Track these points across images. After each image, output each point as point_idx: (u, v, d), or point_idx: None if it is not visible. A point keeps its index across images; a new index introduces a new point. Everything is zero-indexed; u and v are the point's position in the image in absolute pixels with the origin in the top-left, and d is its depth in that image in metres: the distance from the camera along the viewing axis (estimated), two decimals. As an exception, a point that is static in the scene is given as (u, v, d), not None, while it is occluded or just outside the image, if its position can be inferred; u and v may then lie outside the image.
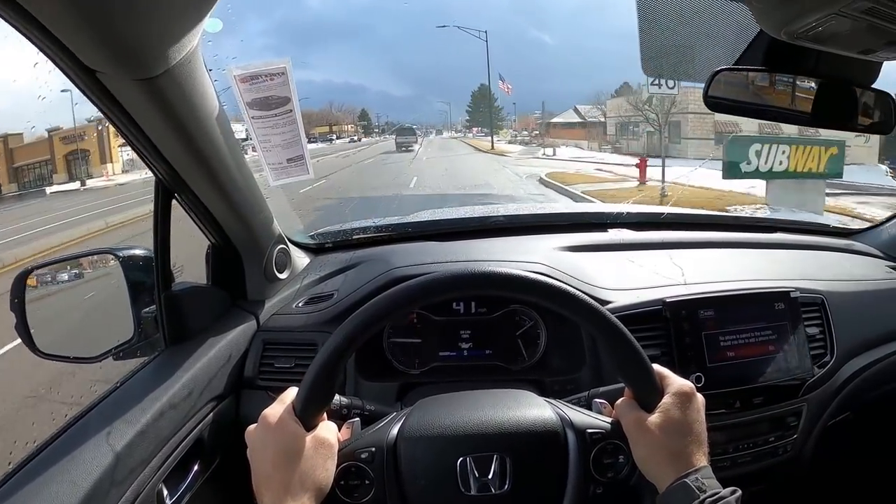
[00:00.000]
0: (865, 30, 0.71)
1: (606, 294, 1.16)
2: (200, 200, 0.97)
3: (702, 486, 0.64)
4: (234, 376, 1.07)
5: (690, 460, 0.68)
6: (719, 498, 0.62)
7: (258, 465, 0.69)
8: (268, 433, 0.69)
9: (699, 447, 0.69)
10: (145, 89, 0.72)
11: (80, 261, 1.14)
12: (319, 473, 0.68)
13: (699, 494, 0.63)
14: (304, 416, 0.70)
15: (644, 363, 0.72)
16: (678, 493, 0.65)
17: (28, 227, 10.41)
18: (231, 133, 0.91)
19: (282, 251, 1.20)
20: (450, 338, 1.17)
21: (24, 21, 0.58)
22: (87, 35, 0.62)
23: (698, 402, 0.72)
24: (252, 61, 0.88)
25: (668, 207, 1.64)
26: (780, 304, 1.14)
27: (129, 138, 0.82)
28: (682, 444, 0.69)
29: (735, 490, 0.64)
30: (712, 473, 0.67)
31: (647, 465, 0.70)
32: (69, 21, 0.59)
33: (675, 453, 0.68)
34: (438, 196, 8.02)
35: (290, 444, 0.68)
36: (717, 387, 1.06)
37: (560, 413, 0.76)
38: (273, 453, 0.67)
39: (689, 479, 0.65)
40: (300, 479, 0.66)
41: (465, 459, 0.71)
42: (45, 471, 0.73)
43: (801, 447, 1.18)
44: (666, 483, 0.67)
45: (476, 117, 40.99)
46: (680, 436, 0.69)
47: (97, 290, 1.15)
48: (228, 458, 1.00)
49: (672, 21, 0.94)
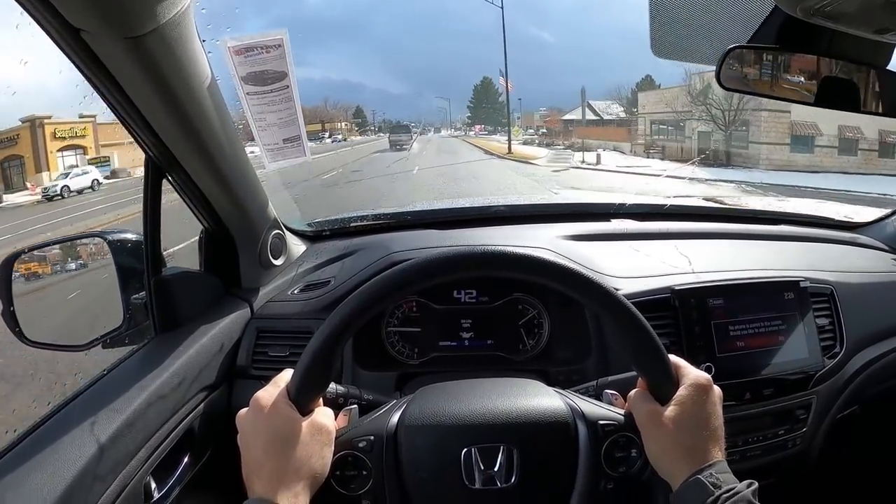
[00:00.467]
0: (882, 7, 0.70)
1: (613, 282, 1.13)
2: (193, 181, 0.94)
3: (717, 482, 0.61)
4: (226, 365, 1.04)
5: (705, 456, 0.65)
6: (735, 493, 0.60)
7: (249, 451, 0.64)
8: (259, 417, 0.65)
9: (715, 442, 0.66)
10: (132, 49, 0.68)
11: (69, 244, 1.11)
12: (315, 461, 0.64)
13: (714, 490, 0.60)
14: (298, 400, 0.66)
15: (660, 352, 0.69)
16: (692, 489, 0.62)
17: None
18: (224, 107, 0.88)
19: (277, 236, 1.17)
20: (450, 327, 1.15)
21: None
22: None
23: (715, 394, 0.69)
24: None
25: (672, 199, 1.61)
26: (790, 293, 1.13)
27: (117, 108, 0.78)
28: (698, 438, 0.66)
29: (751, 483, 0.61)
30: (728, 468, 0.64)
31: (660, 460, 0.67)
32: None
33: (689, 449, 0.65)
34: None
35: (285, 428, 0.64)
36: (727, 378, 1.03)
37: (570, 403, 0.73)
38: (265, 439, 0.63)
39: (703, 474, 0.62)
40: (295, 467, 0.62)
41: (469, 450, 0.68)
42: (24, 462, 0.70)
43: (811, 441, 1.16)
44: (680, 480, 0.64)
45: (478, 114, 38.70)
46: (695, 430, 0.66)
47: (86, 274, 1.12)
48: (220, 451, 0.97)
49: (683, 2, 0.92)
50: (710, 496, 0.60)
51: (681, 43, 0.96)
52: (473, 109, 39.38)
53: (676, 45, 0.96)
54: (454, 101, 45.26)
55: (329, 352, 0.67)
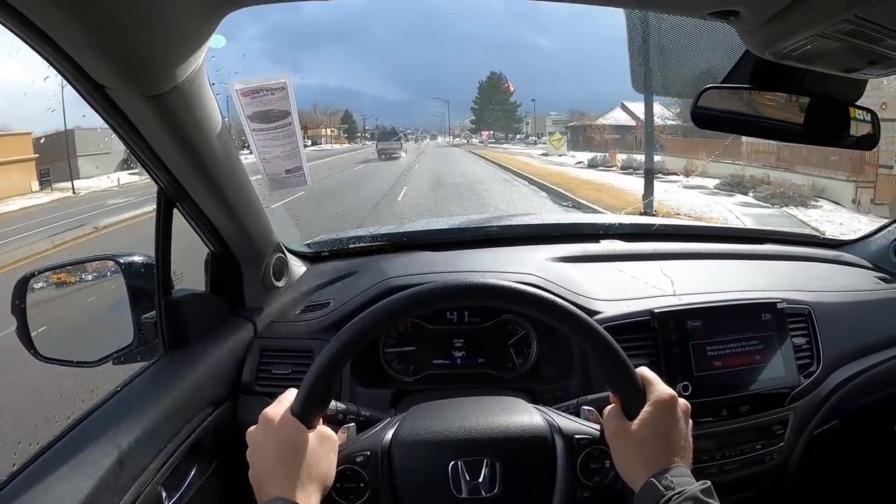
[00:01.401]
0: (848, 50, 0.73)
1: (596, 304, 1.18)
2: (201, 210, 1.00)
3: (670, 484, 0.66)
4: (232, 382, 1.10)
5: (664, 463, 0.70)
6: (683, 492, 0.65)
7: (260, 461, 0.70)
8: (270, 430, 0.71)
9: (676, 451, 0.71)
10: (153, 105, 0.75)
11: (82, 266, 1.16)
12: (324, 465, 0.71)
13: (665, 493, 0.66)
14: (302, 417, 0.72)
15: (629, 373, 0.75)
16: (647, 493, 0.68)
17: None
18: (232, 146, 0.94)
19: (279, 259, 1.23)
20: (443, 346, 1.19)
21: (36, 38, 0.60)
22: (98, 53, 0.64)
23: (678, 408, 0.75)
24: (253, 76, 0.90)
25: (660, 219, 1.66)
26: (767, 314, 1.16)
27: (135, 150, 0.84)
28: (657, 449, 0.71)
29: (704, 482, 0.67)
30: (688, 473, 0.69)
31: (625, 470, 0.73)
32: (81, 39, 0.62)
33: (650, 459, 0.71)
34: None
35: (294, 438, 0.70)
36: (704, 395, 1.08)
37: (549, 419, 0.79)
38: (277, 448, 0.69)
39: (657, 478, 0.67)
40: (307, 471, 0.68)
41: (456, 463, 0.74)
42: (47, 474, 0.74)
43: (788, 455, 1.20)
44: (639, 486, 0.69)
45: (484, 116, 32.59)
46: (655, 442, 0.72)
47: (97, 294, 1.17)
48: (226, 463, 1.02)
49: (659, 40, 0.96)
50: (662, 497, 0.65)
51: (659, 81, 1.00)
52: (479, 111, 33.11)
53: (655, 82, 1.00)
54: (454, 108, 39.70)
55: (331, 373, 0.73)
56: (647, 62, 0.98)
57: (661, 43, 0.97)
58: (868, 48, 0.71)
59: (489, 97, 32.92)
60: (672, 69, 0.99)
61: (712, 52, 0.95)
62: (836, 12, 0.62)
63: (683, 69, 0.98)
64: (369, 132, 31.93)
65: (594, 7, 0.69)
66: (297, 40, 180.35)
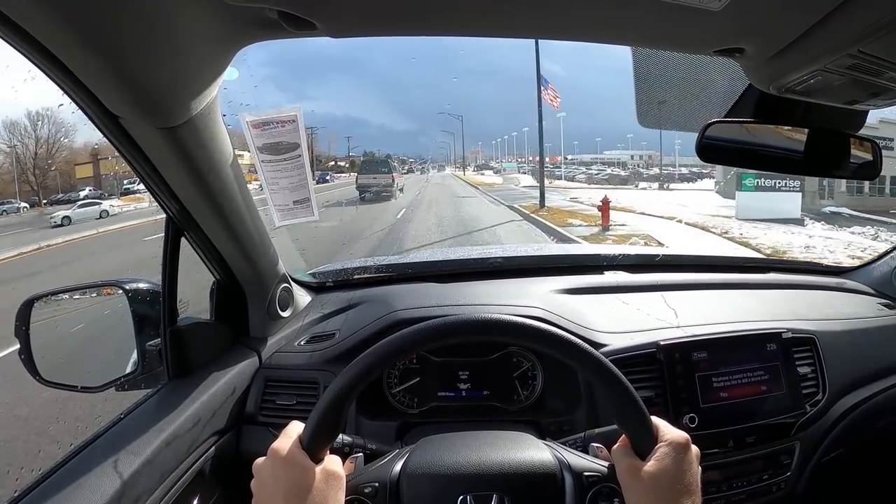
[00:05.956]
0: (850, 83, 0.75)
1: (602, 337, 1.18)
2: (209, 239, 1.00)
3: None
4: (235, 412, 1.09)
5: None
6: None
7: (267, 496, 0.70)
8: (278, 466, 0.70)
9: (689, 495, 0.71)
10: (166, 136, 0.76)
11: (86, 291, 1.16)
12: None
13: None
14: (310, 450, 0.71)
15: (640, 410, 0.74)
16: None
17: None
18: (242, 177, 0.95)
19: (285, 290, 1.23)
20: (448, 378, 1.19)
21: (55, 69, 0.61)
22: (113, 85, 0.65)
23: (692, 453, 0.74)
24: (259, 102, 0.91)
25: (664, 249, 1.66)
26: (772, 344, 1.17)
27: (145, 179, 0.85)
28: (672, 493, 0.70)
29: None
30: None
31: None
32: (97, 71, 0.63)
33: (663, 499, 0.70)
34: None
35: (302, 476, 0.69)
36: (710, 427, 1.08)
37: (558, 455, 0.78)
38: (285, 486, 0.69)
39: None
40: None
41: (465, 498, 0.73)
42: (50, 499, 0.74)
43: (795, 485, 1.19)
44: None
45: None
46: (671, 485, 0.71)
47: (102, 320, 1.16)
48: (229, 492, 1.01)
49: (665, 75, 0.98)
50: None
51: (664, 115, 1.02)
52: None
53: (660, 117, 1.02)
54: (458, 137, 38.90)
55: (340, 406, 0.72)
56: (653, 99, 0.99)
57: (666, 80, 0.99)
58: (869, 81, 0.73)
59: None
60: (677, 104, 1.01)
61: (717, 88, 0.96)
62: (840, 48, 0.63)
63: (688, 104, 0.99)
64: (351, 159, 26.87)
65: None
66: (301, 67, 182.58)
